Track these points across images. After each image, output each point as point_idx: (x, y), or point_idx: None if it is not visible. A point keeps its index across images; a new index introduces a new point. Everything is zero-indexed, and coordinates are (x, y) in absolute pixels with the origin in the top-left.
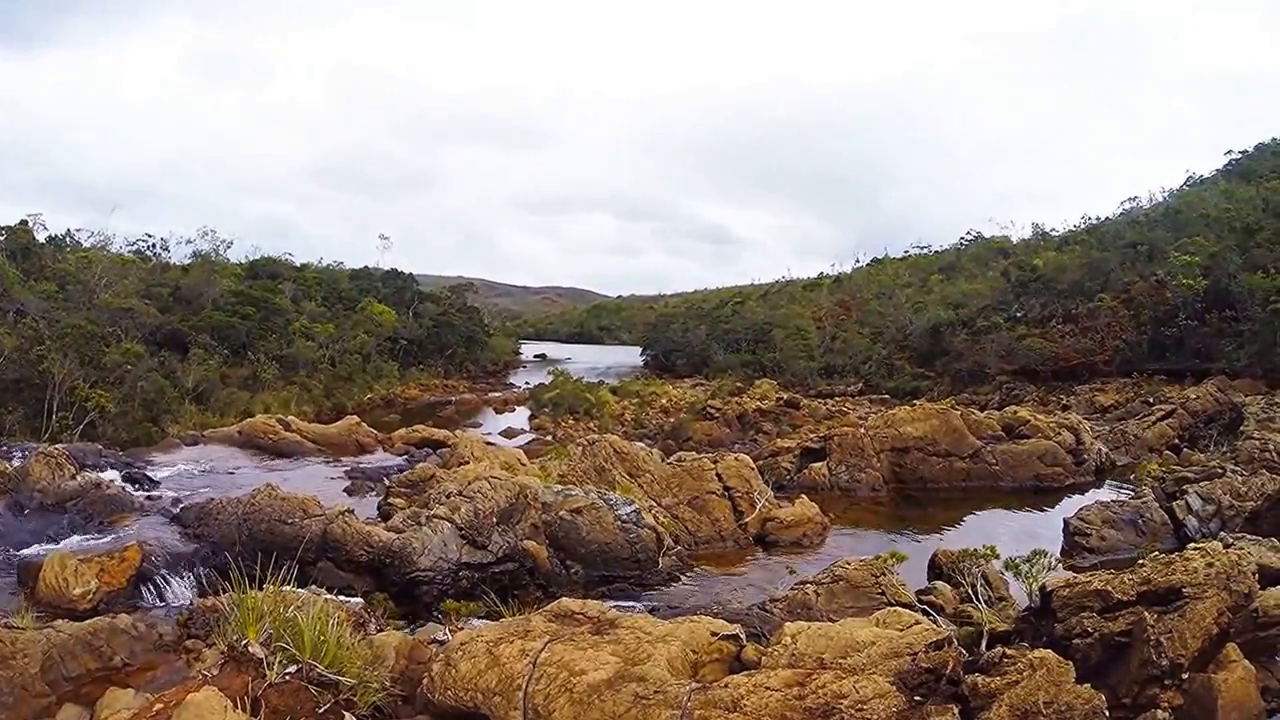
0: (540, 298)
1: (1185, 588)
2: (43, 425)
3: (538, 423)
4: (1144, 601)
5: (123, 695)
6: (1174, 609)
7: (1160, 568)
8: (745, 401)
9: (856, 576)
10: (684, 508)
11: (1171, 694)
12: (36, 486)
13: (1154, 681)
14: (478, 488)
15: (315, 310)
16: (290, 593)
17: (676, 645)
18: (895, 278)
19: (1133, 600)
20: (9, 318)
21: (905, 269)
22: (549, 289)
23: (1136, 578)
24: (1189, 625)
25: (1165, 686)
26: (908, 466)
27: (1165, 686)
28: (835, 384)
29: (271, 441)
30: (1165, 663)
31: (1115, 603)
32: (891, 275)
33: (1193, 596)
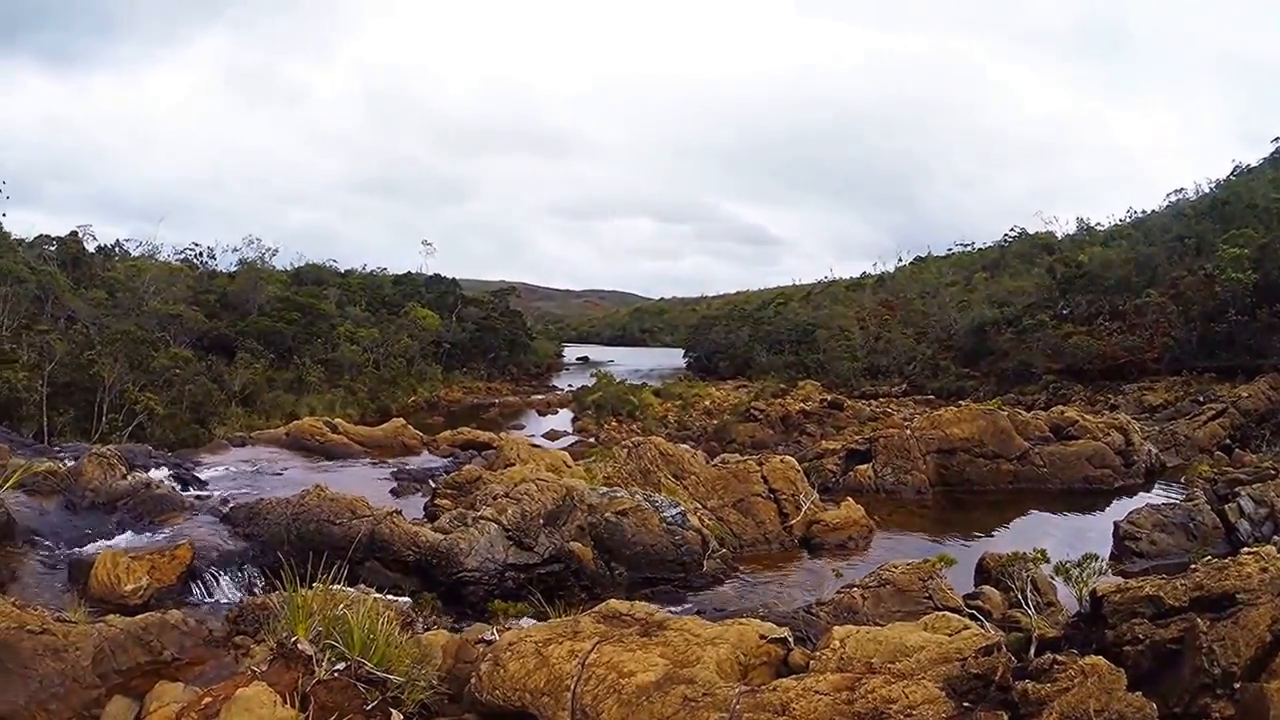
0: (582, 301)
1: (1238, 594)
2: (93, 427)
3: (581, 425)
4: (1196, 608)
5: (172, 688)
6: (1227, 616)
7: (1213, 573)
8: (789, 403)
9: (903, 580)
10: (729, 510)
11: (1223, 704)
12: (89, 486)
13: (1205, 690)
14: (524, 489)
15: (360, 315)
16: (339, 591)
17: (725, 648)
18: (939, 276)
19: (1185, 606)
20: (60, 324)
21: (949, 267)
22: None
23: (1189, 583)
24: (1242, 632)
25: (1217, 695)
26: (954, 468)
27: (1217, 695)
28: (879, 385)
29: (318, 443)
30: (1217, 671)
31: (1167, 609)
32: (935, 274)
33: (1246, 603)
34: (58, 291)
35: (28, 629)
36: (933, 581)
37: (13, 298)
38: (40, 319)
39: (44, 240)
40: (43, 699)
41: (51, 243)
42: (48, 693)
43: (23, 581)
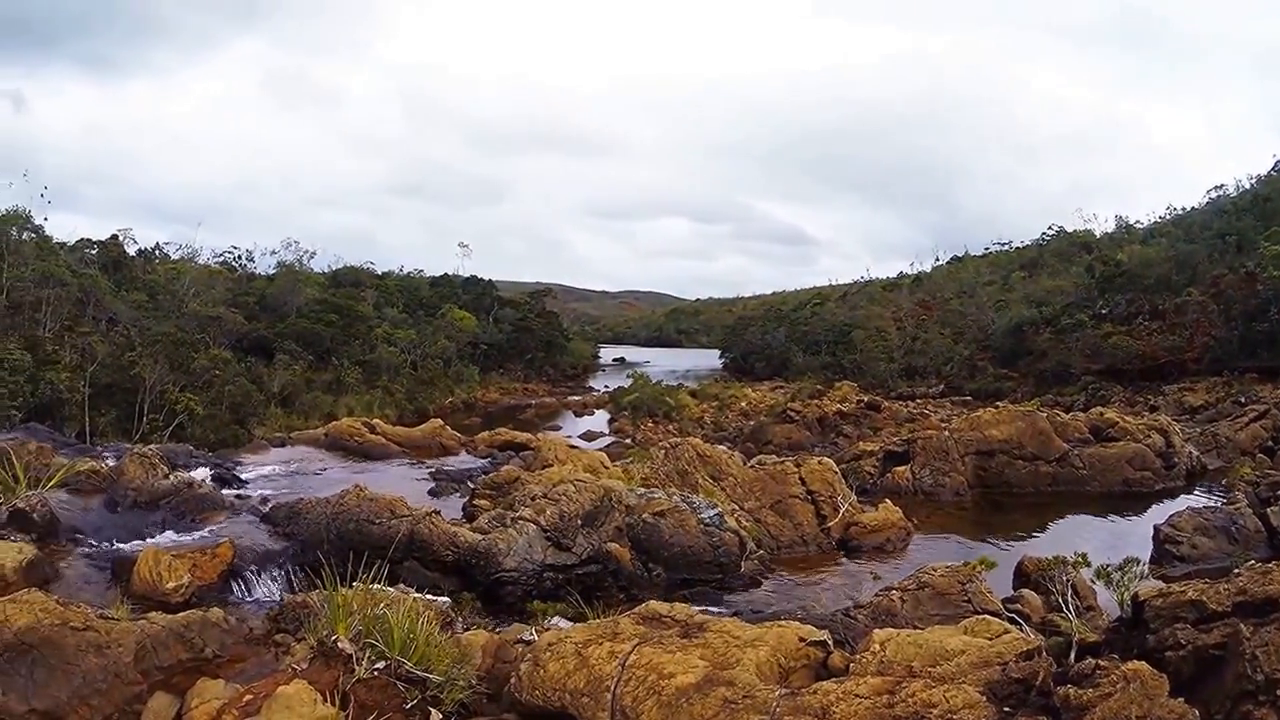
0: (618, 302)
1: None
2: (133, 427)
3: (617, 425)
4: (1240, 613)
5: (213, 685)
6: (1270, 621)
7: (1257, 577)
8: (825, 404)
9: (942, 583)
10: (767, 511)
11: (1266, 711)
12: (131, 485)
13: (1248, 697)
14: (563, 490)
15: (397, 316)
16: (379, 590)
17: (765, 650)
18: (976, 275)
19: (1228, 611)
20: (102, 326)
21: (986, 266)
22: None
23: (1232, 588)
24: None
25: (1260, 703)
26: (992, 470)
27: (1260, 703)
28: (916, 385)
29: (357, 443)
30: (1261, 678)
31: (1209, 614)
32: (972, 273)
33: None
34: (99, 294)
35: (71, 625)
36: (972, 585)
37: (55, 300)
38: (82, 321)
39: (85, 244)
40: (85, 694)
41: (93, 246)
42: (90, 688)
43: (65, 579)
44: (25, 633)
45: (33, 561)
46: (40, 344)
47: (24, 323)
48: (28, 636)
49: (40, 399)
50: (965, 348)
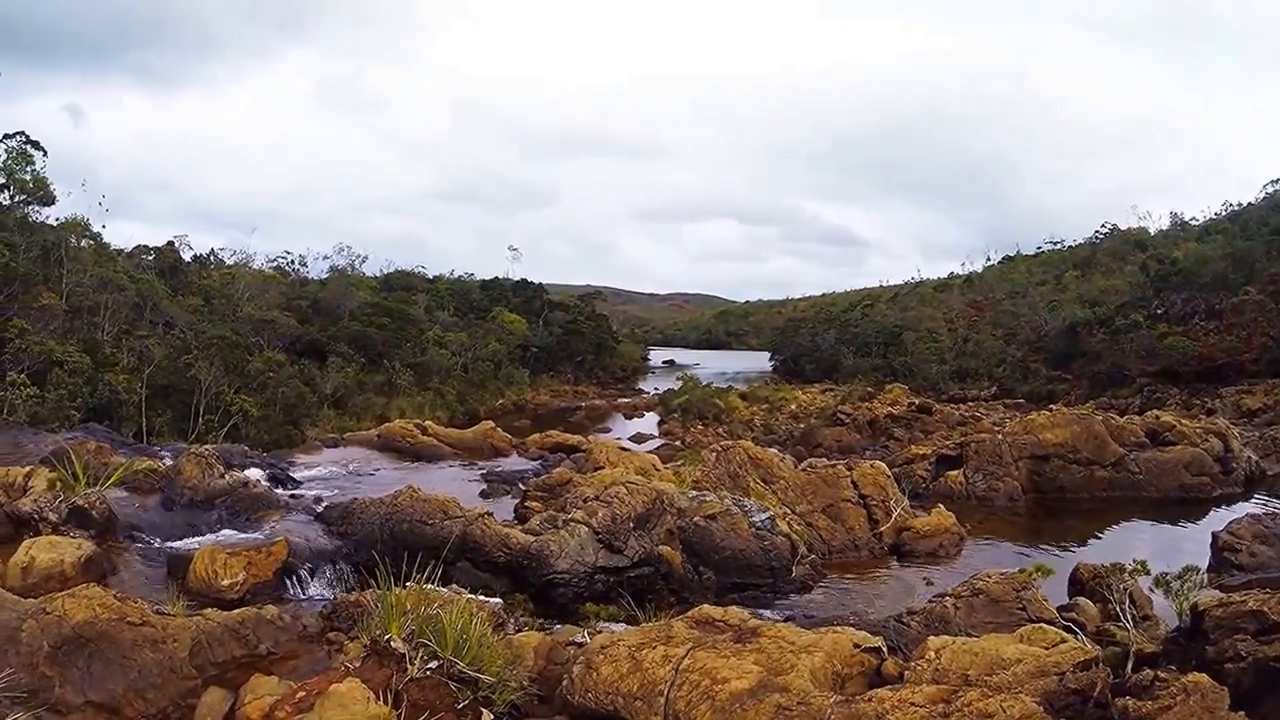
0: (667, 304)
1: None
2: (189, 427)
3: (667, 428)
4: None
5: (267, 681)
6: None
7: None
8: (876, 407)
9: (997, 590)
10: (818, 515)
11: None
12: (187, 484)
13: None
14: (615, 493)
15: (448, 319)
16: (432, 591)
17: (820, 656)
18: (1028, 275)
19: None
20: (158, 329)
21: (1038, 266)
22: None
23: None
24: None
25: None
26: (1047, 475)
27: None
28: (968, 388)
29: (409, 445)
30: None
31: (1271, 625)
32: (1024, 273)
33: None
34: (156, 299)
35: (128, 621)
36: (1027, 592)
37: (113, 305)
38: (139, 325)
39: (142, 250)
40: (141, 688)
41: (149, 252)
42: (146, 682)
43: (123, 575)
44: (83, 627)
45: (91, 557)
46: (99, 347)
47: (83, 326)
48: (85, 630)
49: (99, 400)
50: (1017, 349)
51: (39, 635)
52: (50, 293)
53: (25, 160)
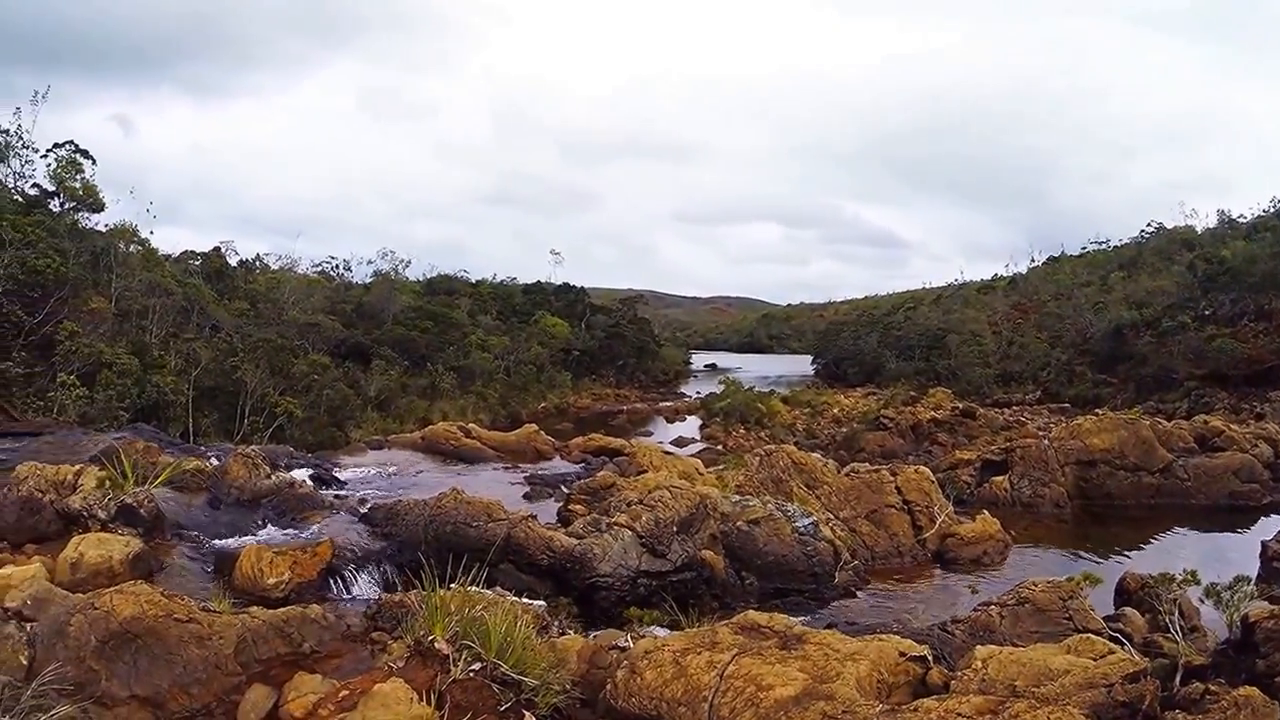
0: (709, 308)
1: None
2: (234, 428)
3: (708, 432)
4: None
5: (310, 680)
6: None
7: None
8: (919, 411)
9: (1043, 599)
10: (862, 521)
11: None
12: (234, 484)
13: None
14: (658, 496)
15: (490, 323)
16: (476, 593)
17: (865, 664)
18: (1073, 276)
19: None
20: (205, 333)
21: (1083, 266)
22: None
23: None
24: None
25: None
26: (1093, 481)
27: None
28: (1012, 392)
29: (452, 447)
30: None
31: None
32: (1069, 274)
33: None
34: (203, 302)
35: (174, 617)
36: (1074, 601)
37: (161, 309)
38: (187, 328)
39: (189, 255)
40: (185, 683)
41: (196, 257)
42: (190, 678)
43: (169, 572)
44: (130, 622)
45: (139, 554)
46: (147, 349)
47: (132, 329)
48: (133, 626)
49: (147, 400)
50: (1063, 352)
51: (87, 630)
52: (100, 297)
53: (75, 168)
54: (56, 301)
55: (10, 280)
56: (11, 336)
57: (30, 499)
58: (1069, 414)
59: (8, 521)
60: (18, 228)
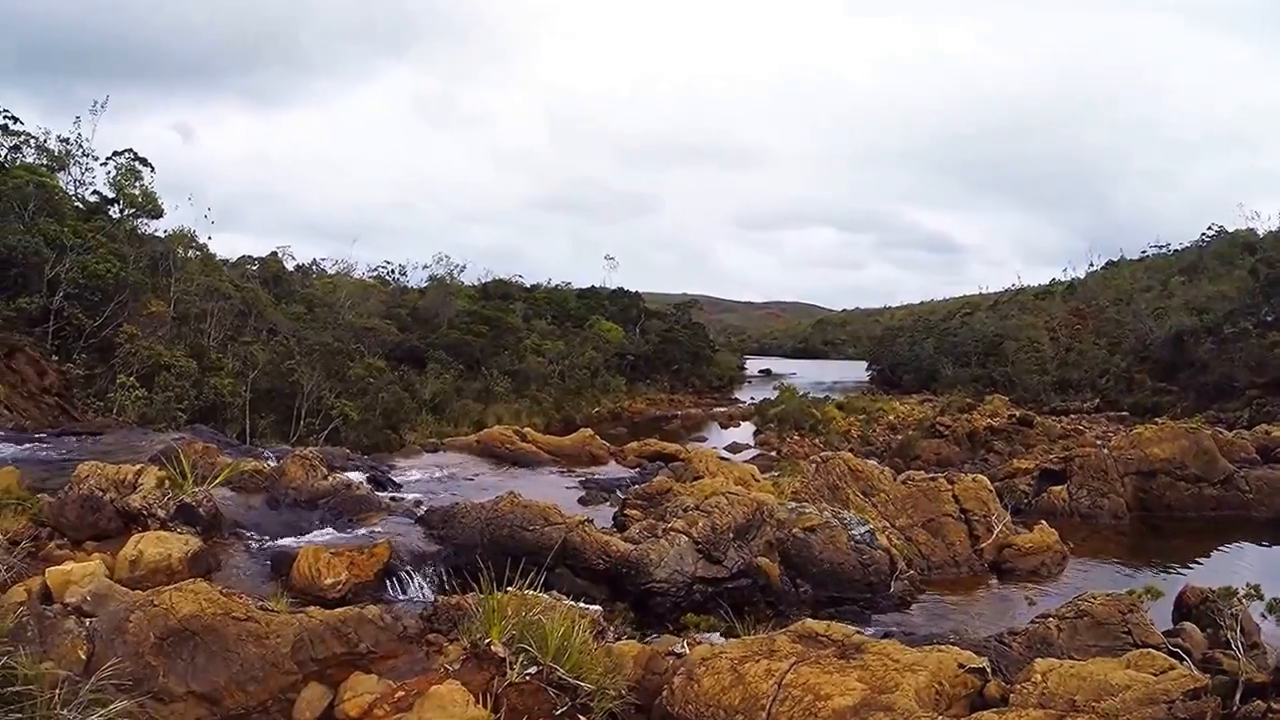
0: (763, 313)
1: None
2: (290, 430)
3: (763, 438)
4: None
5: (366, 680)
6: None
7: None
8: (975, 419)
9: (1102, 612)
10: (918, 530)
11: None
12: (291, 485)
13: None
14: (715, 503)
15: (545, 328)
16: (532, 596)
17: (924, 675)
18: (1132, 281)
19: None
20: (262, 336)
21: (1143, 271)
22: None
23: None
24: None
25: None
26: (1153, 492)
27: None
28: (1070, 400)
29: (508, 451)
30: None
31: None
32: (1128, 279)
33: None
34: (260, 306)
35: (232, 615)
36: (1133, 615)
37: (219, 312)
38: (244, 331)
39: (247, 260)
40: (242, 681)
41: (254, 262)
42: (247, 675)
43: (227, 571)
44: (189, 620)
45: (197, 553)
46: (205, 352)
47: (190, 333)
48: (191, 623)
49: (204, 402)
50: (1122, 359)
51: (146, 626)
52: (159, 300)
53: (134, 176)
54: (116, 305)
55: (71, 284)
56: (73, 339)
57: (91, 497)
58: (1127, 423)
59: (69, 519)
60: (78, 233)
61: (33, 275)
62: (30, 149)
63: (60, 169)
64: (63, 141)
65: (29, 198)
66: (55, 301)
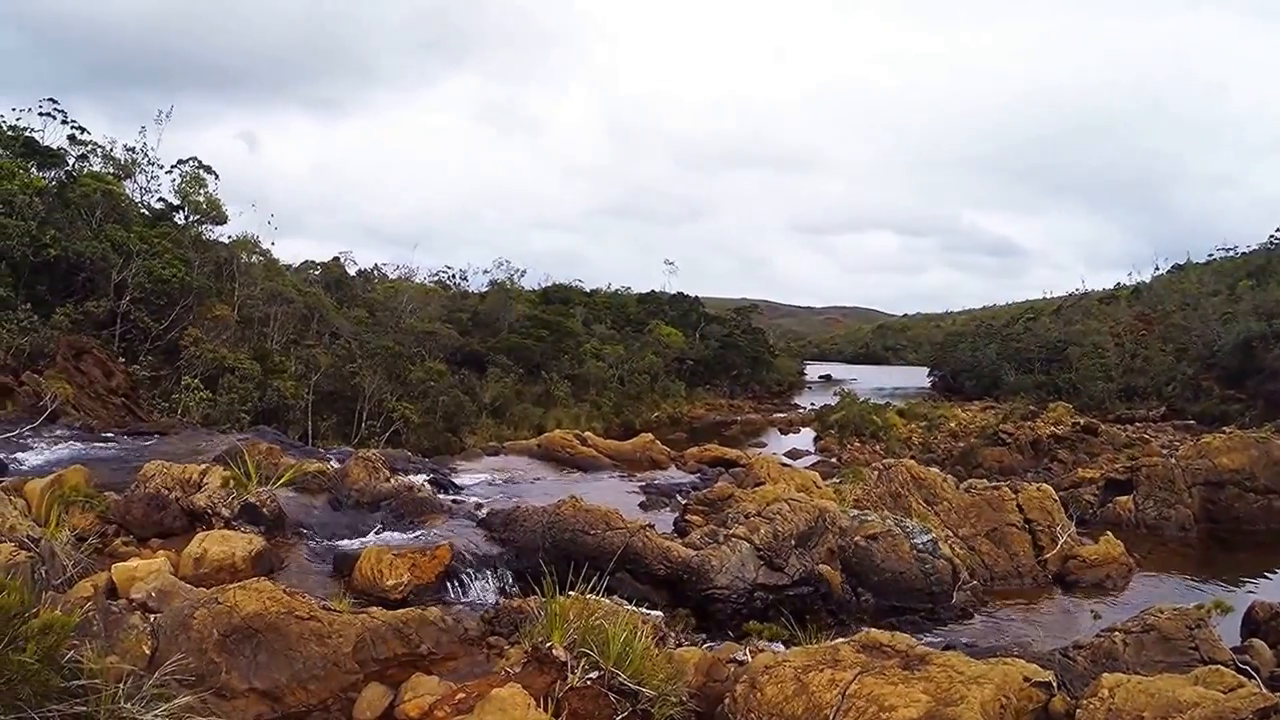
0: (823, 318)
1: None
2: (352, 431)
3: (823, 444)
4: None
5: (427, 681)
6: None
7: None
8: (1039, 426)
9: (1169, 627)
10: (981, 540)
11: None
12: (354, 486)
13: None
14: (777, 509)
15: (605, 332)
16: (594, 601)
17: (990, 688)
18: (1199, 285)
19: None
20: (325, 339)
21: (1210, 275)
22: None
23: None
24: None
25: None
26: (1221, 504)
27: None
28: (1135, 407)
29: (568, 455)
30: None
31: None
32: (1195, 283)
33: None
34: (322, 310)
35: (296, 614)
36: (1200, 630)
37: (282, 316)
38: (307, 335)
39: (309, 265)
40: (303, 679)
41: (316, 267)
42: (309, 673)
43: (290, 570)
44: (253, 618)
45: (261, 552)
46: (268, 355)
47: (254, 336)
48: (255, 622)
49: (267, 404)
50: (1188, 366)
51: (210, 623)
52: (223, 304)
53: (198, 183)
54: (181, 309)
55: (138, 288)
56: (139, 341)
57: (157, 496)
58: (1194, 431)
59: (135, 516)
60: (144, 239)
61: (100, 280)
62: (97, 158)
63: (126, 177)
64: (129, 150)
65: (96, 205)
66: (122, 305)
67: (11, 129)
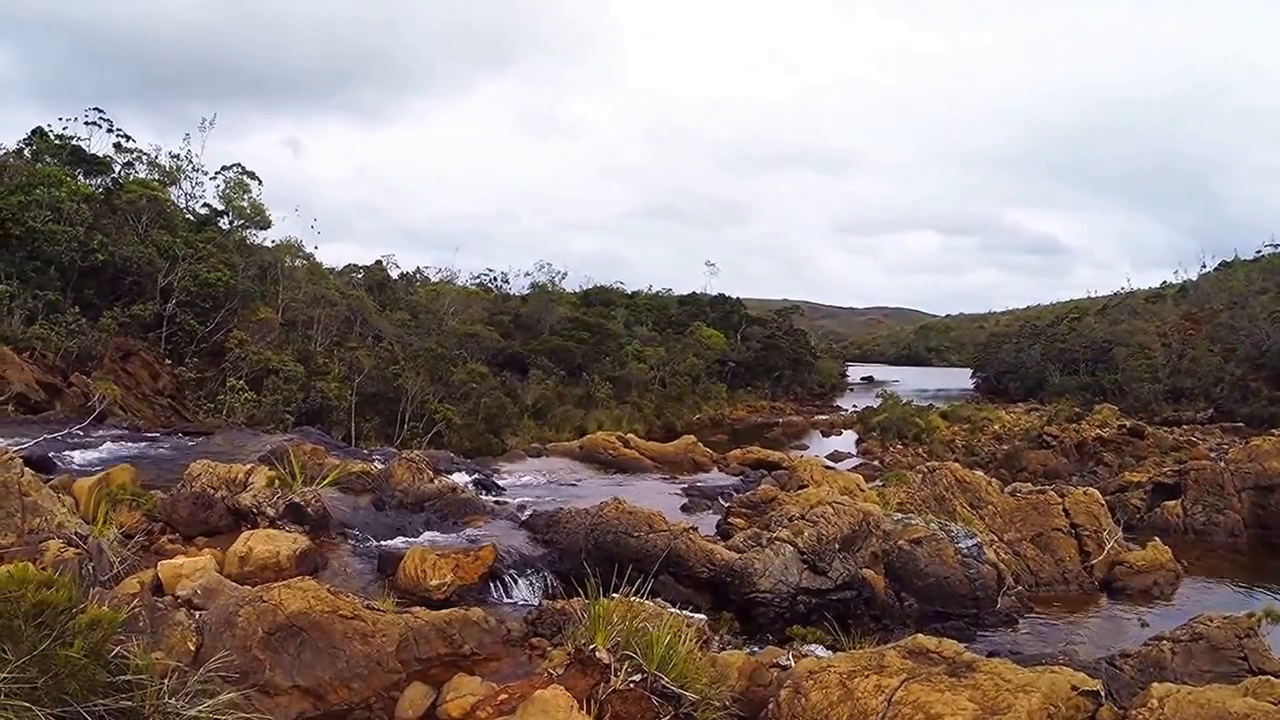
0: (865, 319)
1: None
2: (394, 432)
3: (865, 447)
4: None
5: (469, 681)
6: None
7: None
8: (1084, 429)
9: (1218, 636)
10: (1026, 544)
11: None
12: (398, 487)
13: None
14: (821, 512)
15: (646, 334)
16: (638, 603)
17: (1037, 697)
18: (1248, 283)
19: None
20: (368, 342)
21: (1258, 272)
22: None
23: None
24: None
25: None
26: (1271, 508)
27: None
28: (1182, 409)
29: (611, 456)
30: None
31: None
32: (1243, 281)
33: None
34: (365, 313)
35: (340, 614)
36: (1250, 640)
37: (326, 319)
38: (350, 337)
39: (352, 269)
40: (347, 677)
41: (359, 270)
42: (352, 672)
43: (334, 570)
44: (297, 616)
45: (305, 551)
46: (312, 357)
47: (298, 338)
48: (299, 620)
49: (311, 405)
50: (1237, 366)
51: (254, 621)
52: (267, 307)
53: (243, 189)
54: (226, 312)
55: (184, 292)
56: (185, 343)
57: (203, 494)
58: (1243, 434)
59: (181, 515)
60: (190, 244)
61: (146, 283)
62: (143, 165)
63: (172, 183)
64: (174, 157)
65: (142, 211)
66: (168, 308)
67: (59, 138)
